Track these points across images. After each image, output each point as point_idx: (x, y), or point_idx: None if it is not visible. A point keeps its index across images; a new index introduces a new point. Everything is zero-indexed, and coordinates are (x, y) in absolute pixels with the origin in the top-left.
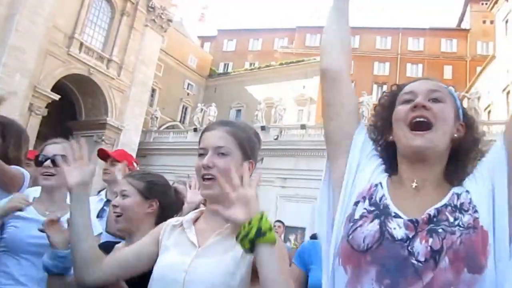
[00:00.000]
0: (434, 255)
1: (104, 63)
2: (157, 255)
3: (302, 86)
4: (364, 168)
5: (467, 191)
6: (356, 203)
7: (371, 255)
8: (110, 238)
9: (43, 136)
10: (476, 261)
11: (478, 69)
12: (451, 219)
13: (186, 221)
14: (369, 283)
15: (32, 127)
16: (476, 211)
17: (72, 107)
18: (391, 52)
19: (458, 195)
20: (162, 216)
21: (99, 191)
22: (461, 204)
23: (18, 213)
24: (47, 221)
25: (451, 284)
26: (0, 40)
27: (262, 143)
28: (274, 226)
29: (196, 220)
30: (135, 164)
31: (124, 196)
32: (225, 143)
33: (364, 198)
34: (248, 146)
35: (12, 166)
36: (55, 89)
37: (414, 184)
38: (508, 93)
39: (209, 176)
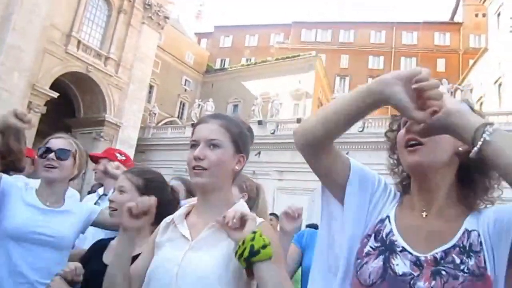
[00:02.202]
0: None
1: (102, 61)
2: None
3: (298, 80)
4: (378, 202)
5: (478, 232)
6: (366, 237)
7: None
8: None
9: (42, 134)
10: None
11: (471, 61)
12: (457, 261)
13: (177, 216)
14: None
15: (31, 125)
16: (483, 254)
17: (70, 105)
18: (385, 46)
19: (469, 233)
20: (159, 213)
21: (95, 188)
22: (470, 245)
23: (25, 198)
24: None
25: None
26: None
27: (260, 137)
28: (271, 219)
29: (187, 214)
30: (118, 155)
31: (121, 191)
32: (218, 136)
33: (369, 235)
34: (241, 140)
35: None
36: (53, 87)
37: (424, 214)
38: (500, 85)
39: (200, 168)
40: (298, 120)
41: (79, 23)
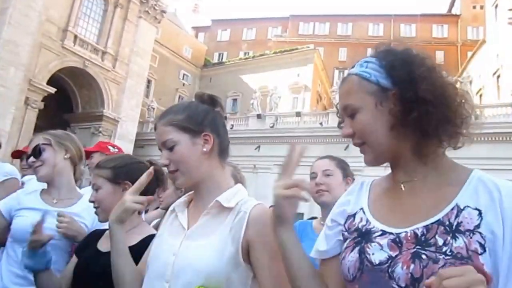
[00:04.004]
0: (414, 282)
1: (99, 55)
2: None
3: (297, 74)
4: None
5: (479, 211)
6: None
7: (358, 283)
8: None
9: (40, 130)
10: None
11: (469, 53)
12: (440, 243)
13: (177, 205)
14: None
15: (29, 120)
16: (479, 236)
17: (68, 100)
18: (383, 39)
19: (460, 210)
20: (141, 193)
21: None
22: (459, 223)
23: (26, 204)
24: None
25: None
26: None
27: (259, 131)
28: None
29: (190, 202)
30: (110, 148)
31: (96, 189)
32: (166, 136)
33: (345, 230)
34: (192, 123)
35: (8, 172)
36: (51, 82)
37: (402, 186)
38: (498, 76)
39: (172, 171)
40: (297, 114)
41: (76, 17)
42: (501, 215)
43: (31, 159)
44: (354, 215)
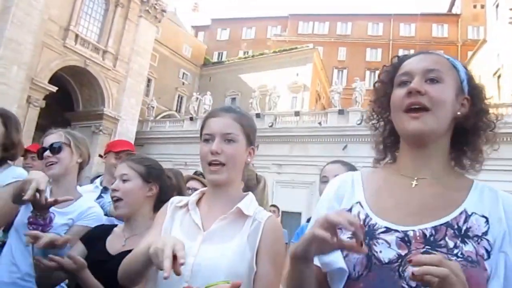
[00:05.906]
0: (425, 283)
1: (100, 54)
2: None
3: (296, 73)
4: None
5: (486, 218)
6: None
7: (363, 282)
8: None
9: (42, 128)
10: None
11: (470, 53)
12: (451, 245)
13: (191, 202)
14: None
15: (30, 119)
16: (487, 242)
17: (69, 99)
18: (383, 38)
19: (468, 216)
20: (160, 199)
21: (93, 179)
22: (468, 229)
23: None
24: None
25: None
26: None
27: (257, 130)
28: (270, 210)
29: (197, 202)
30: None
31: (124, 180)
32: (233, 130)
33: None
34: (251, 133)
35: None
36: (52, 81)
37: (414, 183)
38: (499, 77)
39: (217, 162)
40: (296, 113)
41: (77, 16)
42: (505, 221)
43: (48, 153)
44: (350, 210)
